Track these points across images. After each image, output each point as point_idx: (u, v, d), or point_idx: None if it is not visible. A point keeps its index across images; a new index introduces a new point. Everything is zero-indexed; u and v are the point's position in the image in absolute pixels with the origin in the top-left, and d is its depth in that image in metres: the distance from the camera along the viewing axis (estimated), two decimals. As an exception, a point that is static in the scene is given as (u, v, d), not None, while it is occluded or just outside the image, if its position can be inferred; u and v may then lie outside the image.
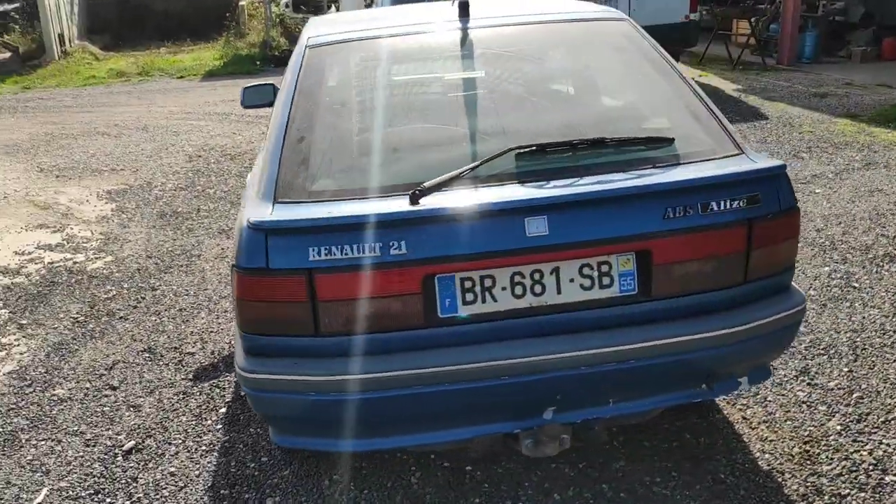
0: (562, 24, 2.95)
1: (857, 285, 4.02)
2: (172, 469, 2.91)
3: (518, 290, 2.18)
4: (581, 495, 2.64)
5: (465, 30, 2.80)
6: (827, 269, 4.24)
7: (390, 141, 2.49)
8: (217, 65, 15.18)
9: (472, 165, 2.22)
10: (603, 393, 2.31)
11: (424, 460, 2.84)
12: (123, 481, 2.85)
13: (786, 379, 3.24)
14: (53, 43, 16.32)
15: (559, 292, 2.19)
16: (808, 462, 2.73)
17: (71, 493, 2.81)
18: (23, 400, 3.46)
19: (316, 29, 3.01)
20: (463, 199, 2.15)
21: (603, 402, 2.33)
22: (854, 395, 3.08)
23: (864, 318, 3.67)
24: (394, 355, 2.15)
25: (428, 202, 2.13)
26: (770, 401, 3.10)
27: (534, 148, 2.28)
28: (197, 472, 2.88)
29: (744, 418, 3.00)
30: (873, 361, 3.31)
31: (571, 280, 2.20)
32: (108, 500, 2.77)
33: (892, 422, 2.90)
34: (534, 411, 2.28)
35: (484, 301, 2.17)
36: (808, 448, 2.80)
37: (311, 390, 2.15)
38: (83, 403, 3.39)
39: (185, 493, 2.78)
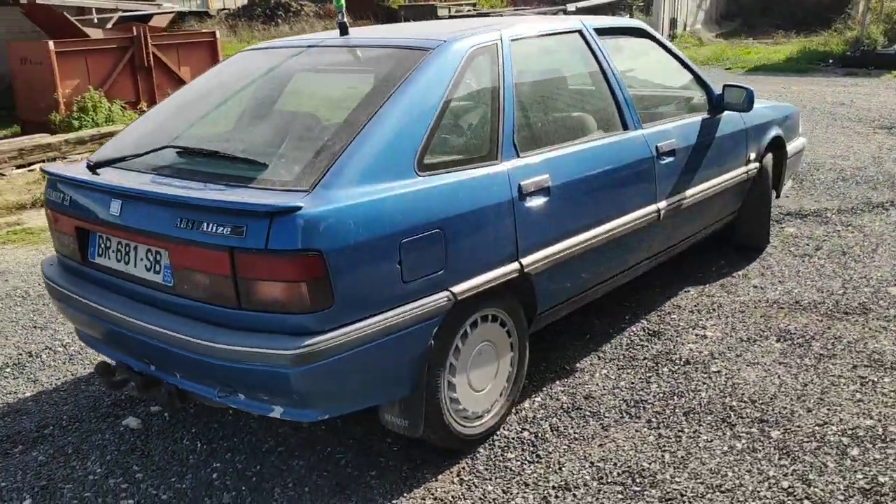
0: (380, 48, 3.04)
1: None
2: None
3: (119, 255, 2.75)
4: (238, 464, 2.97)
5: (313, 48, 3.20)
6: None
7: (160, 127, 3.15)
8: (779, 59, 14.56)
9: (137, 153, 2.84)
10: (163, 362, 2.67)
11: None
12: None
13: (542, 485, 2.71)
14: (661, 26, 17.86)
15: (135, 266, 2.68)
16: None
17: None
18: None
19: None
20: (111, 177, 2.80)
21: (171, 372, 2.69)
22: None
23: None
24: (73, 277, 2.98)
25: (102, 174, 2.85)
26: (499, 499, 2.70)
27: (178, 149, 2.77)
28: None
29: (443, 491, 2.73)
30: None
31: (141, 259, 2.66)
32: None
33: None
34: (140, 358, 2.80)
35: (105, 257, 2.81)
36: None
37: (51, 292, 3.13)
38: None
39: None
